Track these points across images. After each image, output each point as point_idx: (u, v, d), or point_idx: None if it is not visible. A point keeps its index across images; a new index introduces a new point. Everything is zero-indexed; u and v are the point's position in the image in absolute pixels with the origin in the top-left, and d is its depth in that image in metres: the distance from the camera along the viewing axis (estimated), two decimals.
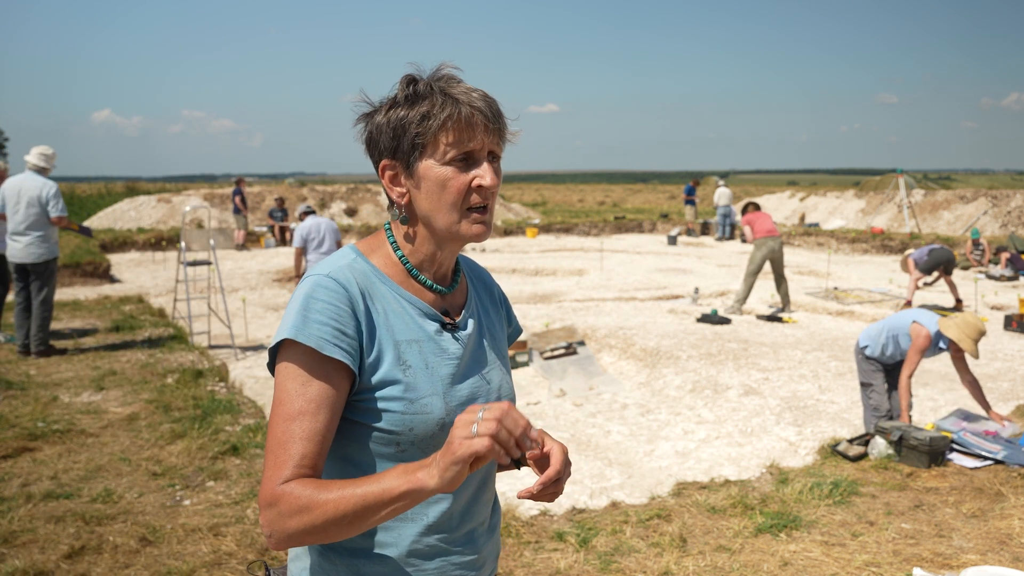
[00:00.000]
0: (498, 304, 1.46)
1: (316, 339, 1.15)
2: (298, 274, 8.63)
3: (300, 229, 8.40)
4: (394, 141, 1.22)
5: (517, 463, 1.29)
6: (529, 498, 1.20)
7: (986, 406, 5.20)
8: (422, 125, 1.19)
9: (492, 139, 1.22)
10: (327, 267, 1.23)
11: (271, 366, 1.23)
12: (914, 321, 5.07)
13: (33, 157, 7.10)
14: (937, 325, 4.99)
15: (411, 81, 1.23)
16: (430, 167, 1.21)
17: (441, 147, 1.19)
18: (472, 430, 1.03)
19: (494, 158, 1.24)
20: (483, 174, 1.21)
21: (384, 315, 1.23)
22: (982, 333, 4.90)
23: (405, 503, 1.08)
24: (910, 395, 5.13)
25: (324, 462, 1.17)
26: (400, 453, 1.21)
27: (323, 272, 1.21)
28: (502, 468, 1.47)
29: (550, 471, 1.19)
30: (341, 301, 1.18)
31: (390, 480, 1.08)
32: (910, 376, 5.04)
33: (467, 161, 1.21)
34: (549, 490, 1.21)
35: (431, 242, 1.27)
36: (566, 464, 1.23)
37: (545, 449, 1.23)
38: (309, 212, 8.78)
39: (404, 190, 1.25)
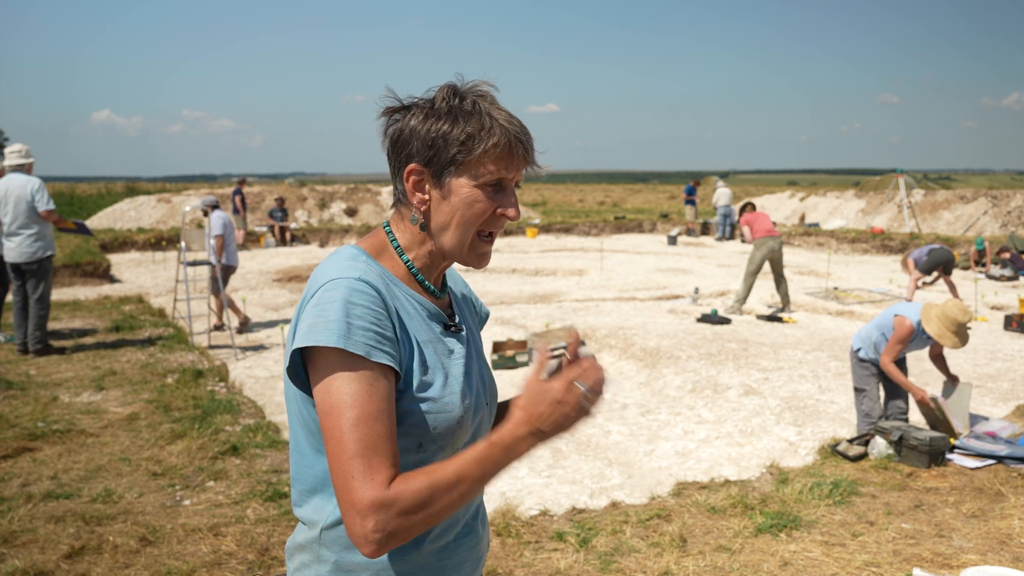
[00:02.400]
0: (467, 294, 1.49)
1: (364, 347, 1.13)
2: (220, 262, 8.76)
3: (221, 219, 8.59)
4: (431, 151, 1.22)
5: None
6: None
7: (948, 373, 5.35)
8: (466, 145, 1.20)
9: (521, 171, 1.25)
10: (350, 269, 1.20)
11: (290, 369, 1.19)
12: (896, 315, 5.06)
13: (11, 158, 7.15)
14: (919, 315, 4.97)
15: (455, 94, 1.23)
16: (463, 185, 1.22)
17: (480, 170, 1.21)
18: (585, 405, 1.14)
19: (516, 185, 1.27)
20: (510, 206, 1.25)
21: (405, 316, 1.23)
22: (961, 324, 4.82)
23: (511, 461, 1.17)
24: (900, 373, 5.07)
25: None
26: (421, 453, 1.22)
27: (352, 275, 1.18)
28: None
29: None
30: (378, 305, 1.17)
31: (493, 454, 1.15)
32: (892, 362, 5.02)
33: (496, 187, 1.23)
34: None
35: (436, 251, 1.28)
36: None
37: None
38: (215, 206, 8.92)
39: (426, 197, 1.25)
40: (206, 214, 8.88)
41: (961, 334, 4.84)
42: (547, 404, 1.13)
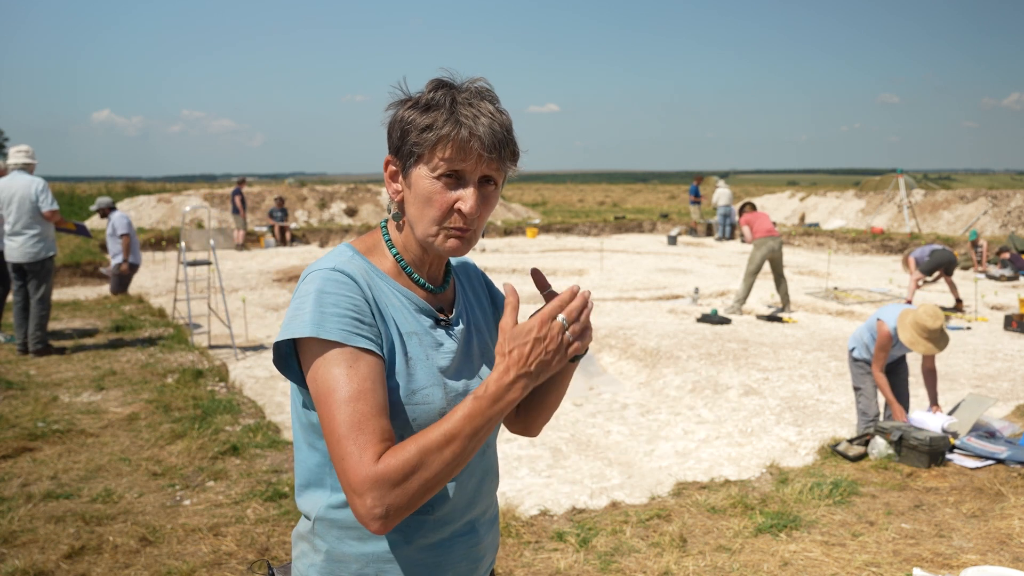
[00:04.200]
0: (482, 289, 1.48)
1: (339, 332, 1.16)
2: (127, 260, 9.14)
3: (125, 219, 8.74)
4: (399, 141, 1.24)
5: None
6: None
7: (933, 399, 5.21)
8: (422, 136, 1.21)
9: (488, 166, 1.22)
10: (329, 262, 1.23)
11: (278, 362, 1.24)
12: (878, 319, 5.07)
13: (16, 157, 7.14)
14: (896, 321, 4.96)
15: (436, 87, 1.24)
16: (421, 176, 1.22)
17: (434, 160, 1.21)
18: (568, 338, 1.15)
19: (488, 181, 1.24)
20: (466, 199, 1.22)
21: (387, 307, 1.25)
22: (932, 330, 4.78)
23: (503, 410, 1.15)
24: (892, 387, 5.10)
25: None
26: None
27: (328, 266, 1.22)
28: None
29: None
30: (353, 292, 1.20)
31: (480, 407, 1.14)
32: (880, 371, 5.03)
33: (457, 180, 1.22)
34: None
35: (419, 244, 1.29)
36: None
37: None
38: (112, 207, 9.11)
39: (399, 188, 1.28)
40: (104, 215, 9.01)
41: (934, 339, 4.81)
42: (528, 344, 1.13)
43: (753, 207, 11.44)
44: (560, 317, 1.14)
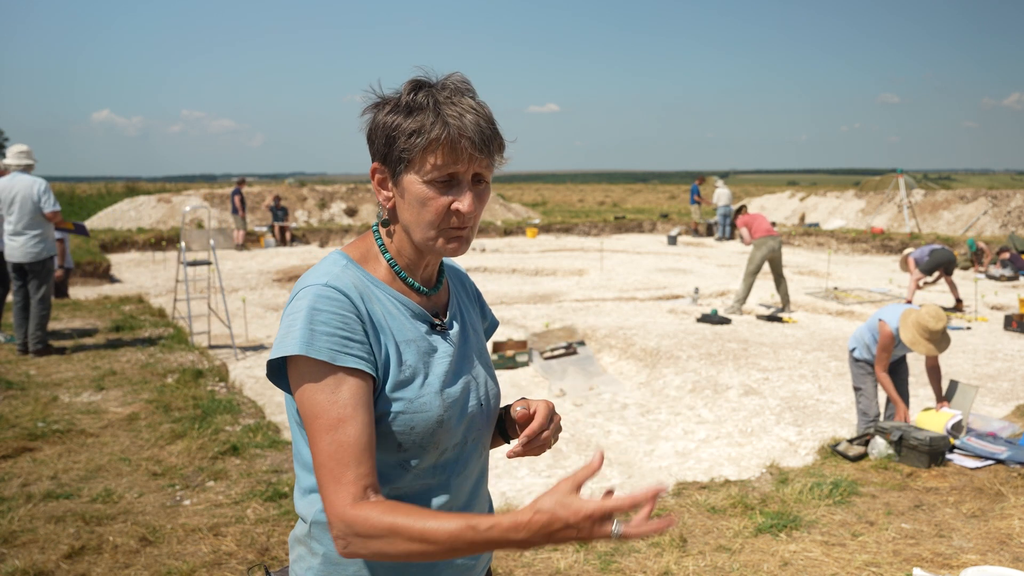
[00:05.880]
0: (473, 300, 1.48)
1: (327, 352, 1.15)
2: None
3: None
4: (385, 147, 1.23)
5: (505, 437, 1.44)
6: (516, 456, 1.33)
7: (939, 395, 5.19)
8: (410, 141, 1.19)
9: (479, 164, 1.21)
10: (323, 275, 1.22)
11: (271, 377, 1.24)
12: (880, 319, 5.06)
13: (15, 158, 7.13)
14: (898, 321, 4.95)
15: (415, 88, 1.22)
16: (413, 182, 1.21)
17: (426, 165, 1.19)
18: (613, 531, 1.02)
19: (480, 179, 1.24)
20: (462, 199, 1.21)
21: (382, 317, 1.24)
22: (933, 331, 4.78)
23: (485, 551, 1.09)
24: (894, 387, 5.09)
25: (375, 459, 1.18)
26: (402, 455, 1.23)
27: (320, 281, 1.20)
28: (493, 444, 1.49)
29: (533, 424, 1.33)
30: (345, 308, 1.18)
31: (471, 537, 1.06)
32: (884, 371, 5.03)
33: (449, 182, 1.21)
34: (536, 444, 1.34)
35: (414, 248, 1.28)
36: (549, 418, 1.35)
37: (531, 410, 1.36)
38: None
39: (390, 195, 1.27)
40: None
41: (935, 340, 4.81)
42: (563, 526, 1.02)
43: (746, 210, 11.54)
44: (616, 527, 1.02)
